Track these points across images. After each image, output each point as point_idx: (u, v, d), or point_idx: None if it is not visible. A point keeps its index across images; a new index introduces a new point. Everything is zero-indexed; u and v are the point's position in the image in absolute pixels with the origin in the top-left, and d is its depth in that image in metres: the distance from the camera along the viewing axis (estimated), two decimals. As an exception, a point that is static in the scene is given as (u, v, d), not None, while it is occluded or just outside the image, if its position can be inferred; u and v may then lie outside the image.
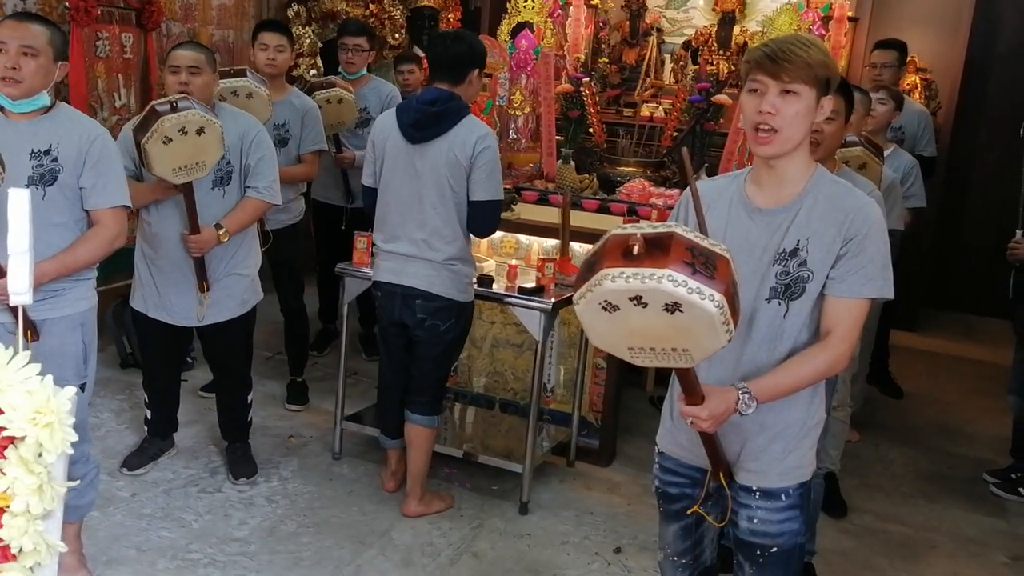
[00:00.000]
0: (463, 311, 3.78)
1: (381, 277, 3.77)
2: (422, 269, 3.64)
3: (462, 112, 3.60)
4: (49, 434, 1.75)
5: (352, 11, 6.74)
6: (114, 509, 3.76)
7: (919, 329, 7.16)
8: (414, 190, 3.62)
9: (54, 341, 2.96)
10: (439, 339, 3.73)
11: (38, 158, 2.88)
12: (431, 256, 3.62)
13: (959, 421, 5.58)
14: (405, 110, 3.66)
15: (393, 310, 3.75)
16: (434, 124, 3.56)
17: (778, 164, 2.20)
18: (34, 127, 2.90)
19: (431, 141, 3.57)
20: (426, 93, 3.66)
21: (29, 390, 1.75)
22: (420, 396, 3.83)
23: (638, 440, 4.69)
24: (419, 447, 3.86)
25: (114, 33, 5.05)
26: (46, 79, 2.91)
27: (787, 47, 2.11)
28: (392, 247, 3.70)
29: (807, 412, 2.30)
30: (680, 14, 7.27)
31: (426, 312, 3.67)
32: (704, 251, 1.76)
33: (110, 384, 4.97)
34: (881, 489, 4.56)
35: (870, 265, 2.16)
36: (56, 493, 1.81)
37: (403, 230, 3.66)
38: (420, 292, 3.65)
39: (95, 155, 2.96)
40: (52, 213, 2.90)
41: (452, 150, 3.55)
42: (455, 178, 3.58)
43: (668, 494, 2.47)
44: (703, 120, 5.73)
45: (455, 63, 3.61)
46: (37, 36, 2.88)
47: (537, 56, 5.49)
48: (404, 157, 3.63)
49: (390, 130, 3.67)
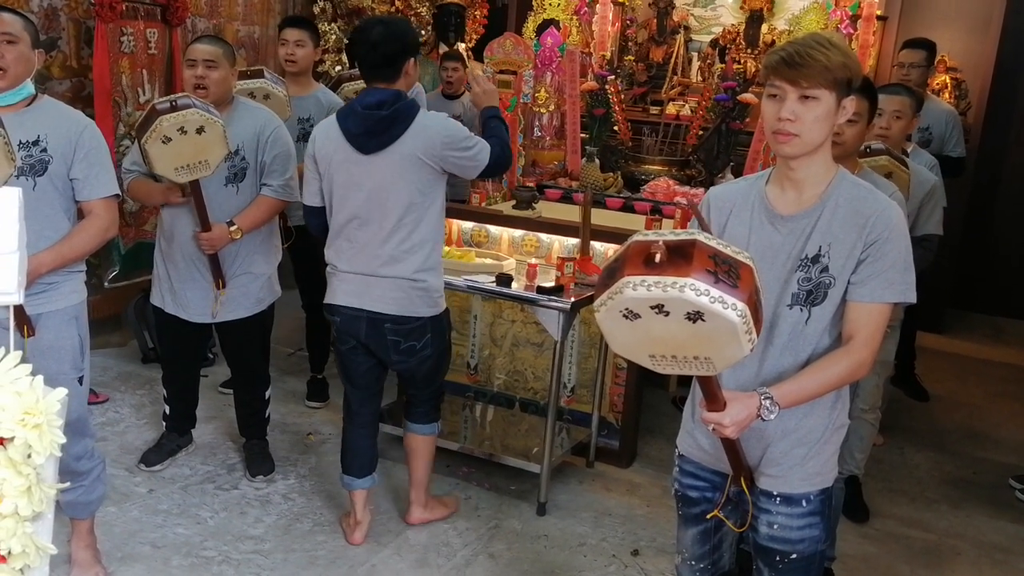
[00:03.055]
0: (437, 324, 3.50)
1: (339, 300, 3.44)
2: (388, 291, 3.35)
3: (413, 111, 3.28)
4: (38, 435, 1.73)
5: (378, 8, 6.74)
6: (131, 505, 3.77)
7: (946, 331, 7.08)
8: (375, 203, 3.30)
9: (50, 335, 2.96)
10: (419, 357, 3.48)
11: (27, 148, 2.88)
12: (398, 272, 3.33)
13: (986, 425, 5.51)
14: (348, 118, 3.31)
15: (358, 333, 3.44)
16: (387, 129, 3.24)
17: (799, 166, 2.17)
18: (20, 118, 2.89)
19: (387, 148, 3.25)
20: (367, 96, 3.30)
21: (18, 391, 1.73)
22: (417, 407, 3.69)
23: (659, 441, 4.66)
24: (421, 456, 3.73)
25: (139, 29, 5.05)
26: (28, 66, 2.94)
27: (805, 50, 2.06)
28: (351, 267, 3.39)
29: (829, 417, 2.27)
30: (708, 12, 7.23)
31: (398, 335, 3.41)
32: (727, 259, 1.72)
33: (131, 379, 4.99)
34: (905, 494, 4.50)
35: (891, 270, 2.13)
36: (46, 495, 1.79)
37: (365, 248, 3.35)
38: (388, 316, 3.38)
39: (85, 146, 2.96)
40: (43, 204, 2.90)
41: (415, 153, 3.25)
42: (424, 182, 3.30)
43: (688, 498, 2.45)
44: (729, 119, 5.69)
45: (384, 62, 3.27)
46: (13, 23, 2.92)
47: (562, 53, 5.47)
48: (358, 170, 3.30)
49: (335, 142, 3.32)
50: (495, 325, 4.75)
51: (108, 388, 4.83)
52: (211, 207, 3.67)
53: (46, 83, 4.78)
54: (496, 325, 4.75)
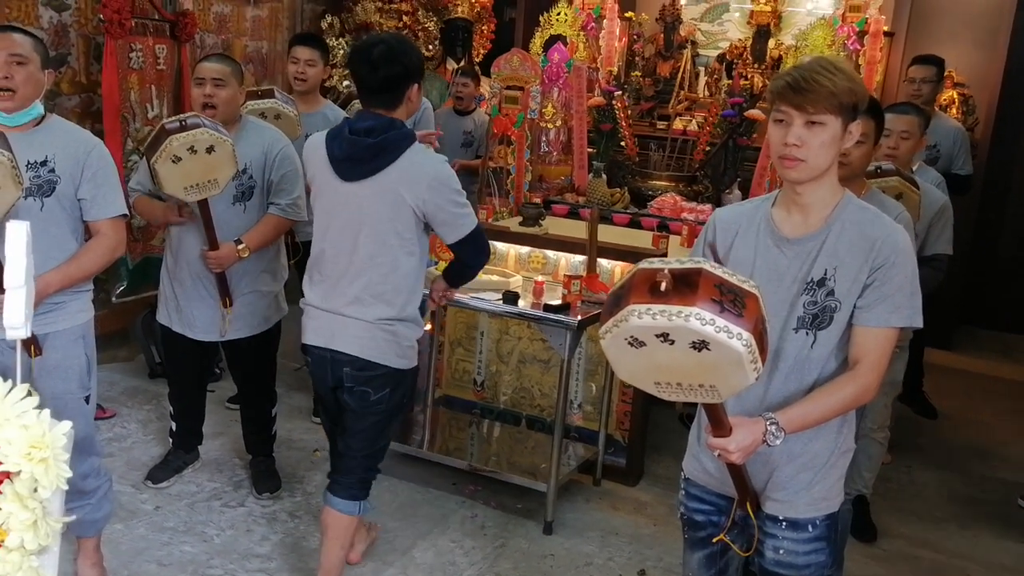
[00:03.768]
0: (401, 380, 3.15)
1: (309, 340, 3.15)
2: (352, 330, 3.04)
3: (405, 143, 2.96)
4: (44, 470, 1.73)
5: (385, 23, 6.77)
6: (137, 522, 3.77)
7: (955, 348, 7.04)
8: (347, 235, 3.01)
9: (57, 355, 2.97)
10: (368, 409, 3.12)
11: (35, 169, 2.88)
12: (362, 315, 3.03)
13: (994, 443, 5.49)
14: (335, 140, 3.02)
15: (325, 377, 3.14)
16: (372, 158, 2.94)
17: (805, 190, 2.18)
18: (28, 138, 2.90)
19: (369, 178, 2.95)
20: (359, 120, 3.01)
21: (25, 424, 1.73)
22: (343, 476, 3.21)
23: (666, 459, 4.65)
24: (335, 538, 3.23)
25: (148, 45, 5.07)
26: (37, 87, 2.93)
27: (811, 75, 2.07)
28: (320, 303, 3.11)
29: (835, 442, 2.27)
30: (715, 27, 7.26)
31: (354, 380, 3.08)
32: (733, 288, 1.72)
33: (138, 394, 4.99)
34: (913, 513, 4.48)
35: (898, 294, 2.13)
36: (52, 529, 1.79)
37: (335, 284, 3.07)
38: (348, 357, 3.06)
39: (93, 166, 2.96)
40: (50, 224, 2.90)
41: (398, 190, 2.94)
42: (402, 223, 2.98)
43: (694, 521, 2.44)
44: (736, 135, 5.69)
45: (386, 86, 2.97)
46: (23, 44, 2.91)
47: (569, 69, 5.48)
48: (336, 197, 3.03)
49: (321, 162, 3.05)
50: (502, 341, 4.75)
51: (115, 403, 4.84)
52: (219, 225, 3.68)
53: (55, 99, 4.80)
54: (503, 341, 4.75)
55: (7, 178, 2.58)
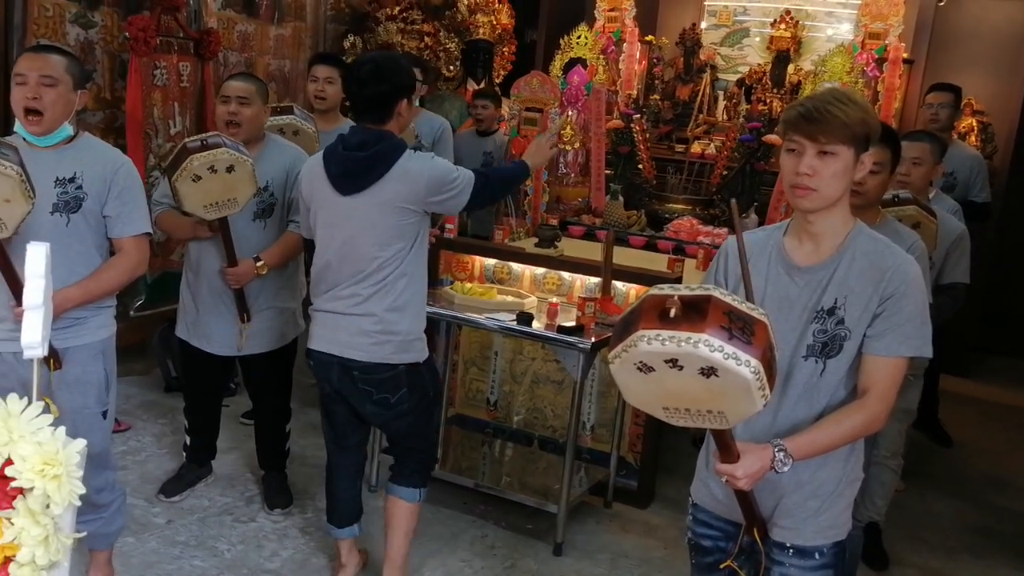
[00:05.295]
0: (413, 376, 3.26)
1: (313, 345, 3.28)
2: (356, 336, 3.17)
3: (396, 153, 3.10)
4: (57, 486, 1.75)
5: (407, 43, 6.82)
6: (149, 536, 3.79)
7: (971, 375, 7.01)
8: (350, 247, 3.15)
9: (77, 369, 2.99)
10: (396, 412, 3.28)
11: (63, 185, 2.91)
12: (366, 309, 3.15)
13: (1010, 473, 5.45)
14: (331, 157, 3.18)
15: (331, 379, 3.27)
16: (366, 172, 3.08)
17: (817, 219, 2.19)
18: (58, 155, 2.93)
19: (366, 190, 3.09)
20: (352, 136, 3.16)
21: (40, 441, 1.75)
22: (402, 466, 3.42)
23: (678, 482, 4.63)
24: (398, 527, 3.40)
25: (172, 62, 5.13)
26: (67, 108, 2.95)
27: (824, 106, 2.09)
28: (327, 306, 3.24)
29: (843, 470, 2.28)
30: (735, 51, 7.28)
31: (369, 385, 3.22)
32: (742, 315, 1.73)
33: (153, 408, 5.03)
34: (926, 542, 4.45)
35: (908, 324, 2.14)
36: (63, 545, 1.80)
37: (339, 291, 3.20)
38: (357, 363, 3.19)
39: (120, 184, 2.99)
40: (75, 240, 2.93)
41: (397, 199, 3.09)
42: (403, 226, 3.12)
43: (701, 546, 2.44)
44: (753, 159, 5.70)
45: (374, 103, 3.12)
46: (55, 66, 2.91)
47: (588, 92, 5.51)
48: (337, 211, 3.16)
49: (319, 180, 3.19)
50: (515, 362, 4.77)
51: (130, 416, 4.87)
52: (238, 242, 3.72)
53: (80, 114, 4.84)
54: (516, 362, 4.76)
55: (17, 191, 2.61)
